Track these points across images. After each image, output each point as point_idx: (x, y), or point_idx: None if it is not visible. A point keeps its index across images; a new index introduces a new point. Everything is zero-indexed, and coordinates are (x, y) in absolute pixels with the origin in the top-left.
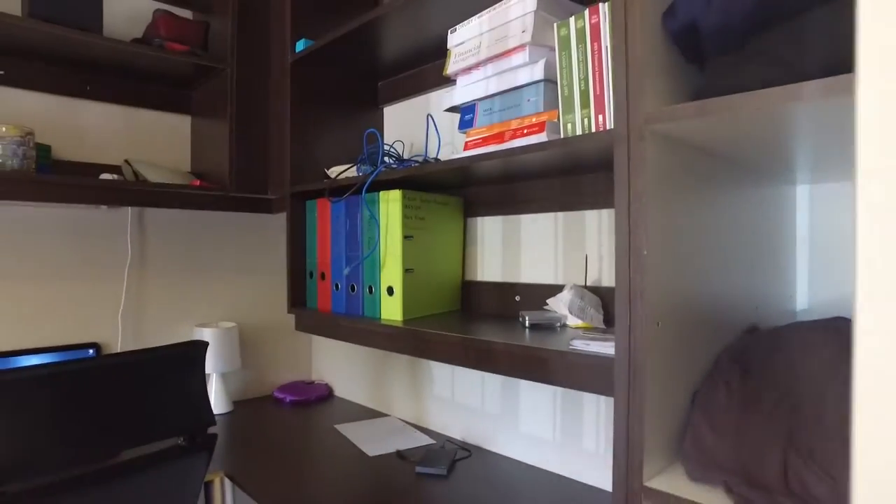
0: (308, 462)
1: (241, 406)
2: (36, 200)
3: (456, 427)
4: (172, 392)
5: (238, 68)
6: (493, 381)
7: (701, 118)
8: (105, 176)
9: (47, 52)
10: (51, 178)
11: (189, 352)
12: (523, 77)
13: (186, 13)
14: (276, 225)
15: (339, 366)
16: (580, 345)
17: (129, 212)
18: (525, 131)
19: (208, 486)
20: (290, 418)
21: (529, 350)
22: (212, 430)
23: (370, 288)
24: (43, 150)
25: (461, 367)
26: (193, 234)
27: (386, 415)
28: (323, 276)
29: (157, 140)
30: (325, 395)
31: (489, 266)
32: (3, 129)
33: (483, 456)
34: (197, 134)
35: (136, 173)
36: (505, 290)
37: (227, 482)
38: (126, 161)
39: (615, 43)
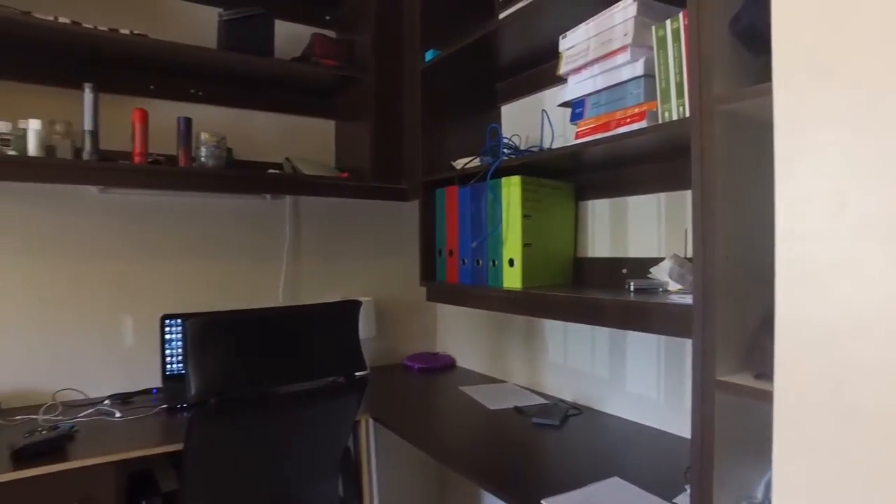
0: (437, 412)
1: (376, 371)
2: (225, 191)
3: (568, 390)
4: (333, 339)
5: (376, 77)
6: (602, 346)
7: (761, 97)
8: (271, 171)
9: (231, 75)
10: (234, 172)
11: (347, 308)
12: (626, 74)
13: (331, 33)
14: (407, 211)
15: (461, 338)
16: (676, 298)
17: (287, 201)
18: (628, 120)
19: (356, 425)
20: (419, 381)
21: (633, 303)
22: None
23: (493, 261)
24: (228, 152)
25: (573, 336)
26: (338, 220)
27: (504, 381)
28: (451, 253)
29: (309, 141)
30: (449, 364)
31: (598, 243)
32: (205, 136)
33: (593, 414)
34: (341, 134)
35: (294, 168)
36: (613, 264)
37: (371, 424)
38: (287, 159)
39: (690, 41)
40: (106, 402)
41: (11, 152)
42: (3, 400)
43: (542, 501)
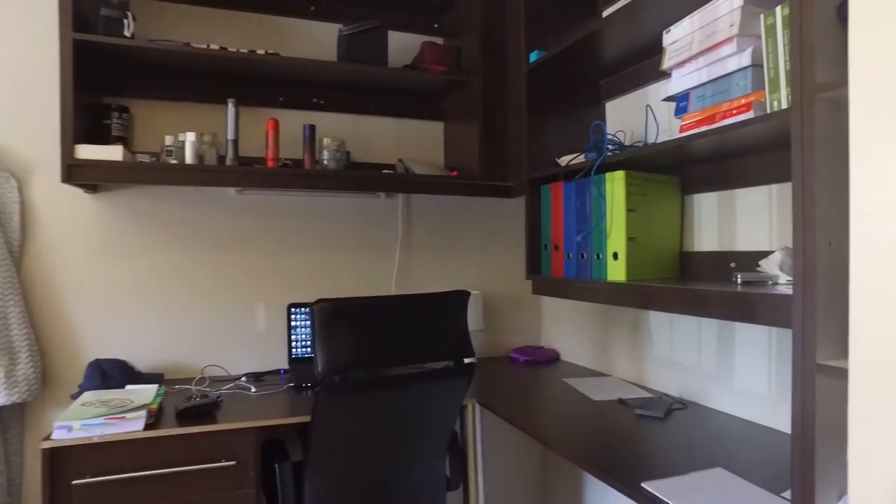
0: (541, 401)
1: (482, 362)
2: (345, 190)
3: (673, 384)
4: (444, 326)
5: (482, 80)
6: (708, 340)
7: None
8: (385, 171)
9: (349, 84)
10: (353, 173)
11: (457, 297)
12: (732, 65)
13: (439, 40)
14: (512, 208)
15: (566, 332)
16: (784, 289)
17: (399, 199)
18: (734, 111)
19: (463, 409)
20: (524, 373)
21: (737, 293)
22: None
23: (598, 255)
24: (347, 155)
25: (679, 329)
26: (447, 217)
27: (608, 375)
28: (556, 248)
29: (420, 143)
30: (553, 357)
31: (705, 237)
32: (327, 140)
33: (698, 409)
34: (449, 135)
35: (406, 168)
36: (721, 258)
37: (478, 409)
38: (400, 160)
39: (793, 29)
40: (243, 378)
41: (173, 161)
42: (167, 372)
43: (642, 484)
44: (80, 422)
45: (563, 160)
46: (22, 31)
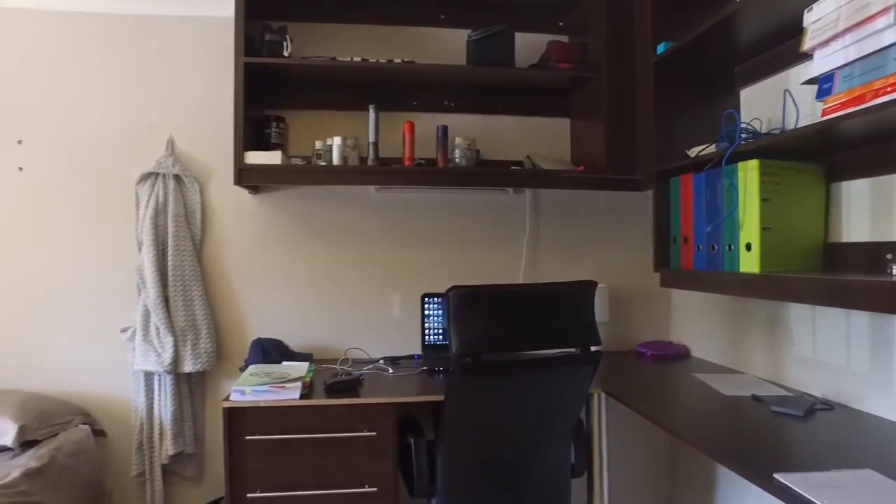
0: (669, 394)
1: (608, 355)
2: (475, 186)
3: (817, 384)
4: (571, 315)
5: (608, 75)
6: (859, 337)
7: None
8: (513, 168)
9: (478, 86)
10: (483, 170)
11: (584, 287)
12: (888, 38)
13: (565, 38)
14: (639, 201)
15: (696, 328)
16: None
17: (527, 195)
18: (889, 89)
19: (589, 398)
20: (651, 367)
21: (889, 283)
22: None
23: (729, 246)
24: (477, 153)
25: (824, 325)
26: (574, 211)
27: (742, 372)
28: (685, 240)
29: (546, 139)
30: (683, 353)
31: (855, 226)
32: (458, 140)
33: (848, 412)
34: (576, 131)
35: (534, 164)
36: (875, 249)
37: (604, 398)
38: (527, 156)
39: None
40: (380, 361)
41: (322, 163)
42: (315, 352)
43: (774, 475)
44: (250, 387)
45: (693, 151)
46: (197, 60)
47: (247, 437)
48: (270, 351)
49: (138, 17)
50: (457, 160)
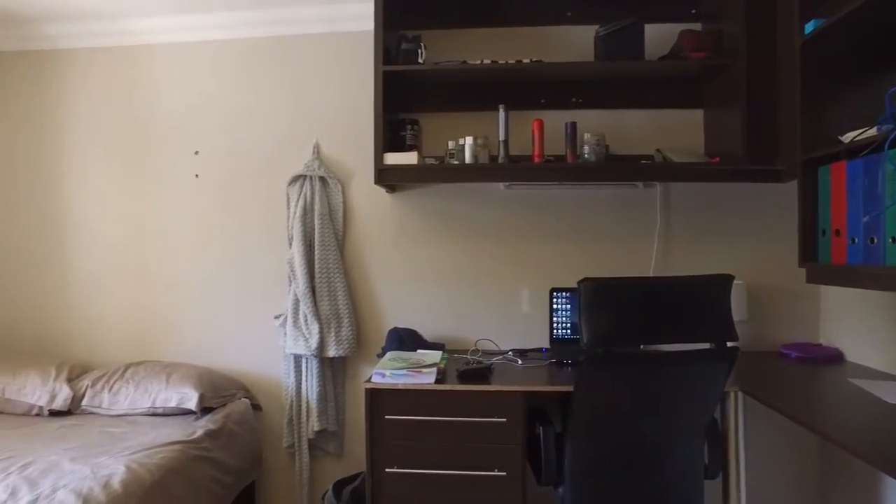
0: (819, 398)
1: (747, 355)
2: (606, 181)
3: None
4: (706, 308)
5: (746, 61)
6: None
7: None
8: (643, 162)
9: (606, 81)
10: (613, 164)
11: (720, 281)
12: None
13: (697, 26)
14: (779, 193)
15: (852, 329)
16: None
17: (658, 189)
18: None
19: (724, 396)
20: (797, 370)
21: None
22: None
23: (893, 238)
24: (605, 148)
25: None
26: (708, 205)
27: None
28: (837, 233)
29: (678, 132)
30: (834, 356)
31: None
32: (587, 136)
33: None
34: (710, 122)
35: (664, 158)
36: None
37: (741, 397)
38: (657, 150)
39: None
40: (509, 353)
41: (455, 162)
42: (446, 342)
43: None
44: (390, 371)
45: (847, 137)
46: (339, 72)
47: (386, 417)
48: (406, 339)
49: (286, 38)
50: (586, 156)
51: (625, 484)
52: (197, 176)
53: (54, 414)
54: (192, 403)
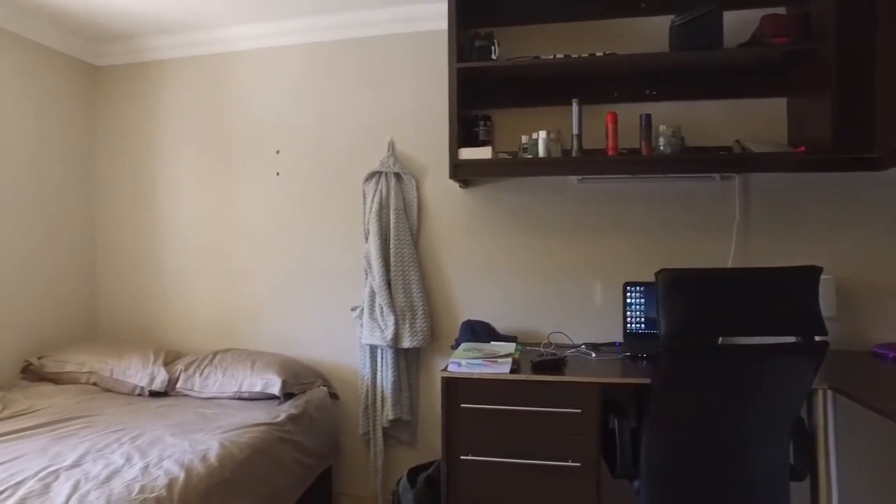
0: None
1: (836, 354)
2: (682, 172)
3: None
4: (791, 301)
5: (837, 45)
6: None
7: None
8: (721, 153)
9: (681, 72)
10: (690, 155)
11: (807, 273)
12: None
13: (781, 10)
14: (874, 182)
15: None
16: None
17: (736, 181)
18: None
19: (811, 395)
20: (894, 370)
21: None
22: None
23: None
24: (681, 140)
25: None
26: (791, 197)
27: None
28: None
29: (758, 121)
30: None
31: None
32: (662, 128)
33: None
34: (793, 110)
35: (743, 149)
36: None
37: (831, 396)
38: (736, 141)
39: None
40: (582, 346)
41: (528, 156)
42: (519, 335)
43: None
44: (466, 360)
45: None
46: (412, 71)
47: (461, 405)
48: (479, 331)
49: (361, 41)
50: (661, 148)
51: (704, 481)
52: (278, 174)
53: (153, 394)
54: (275, 389)
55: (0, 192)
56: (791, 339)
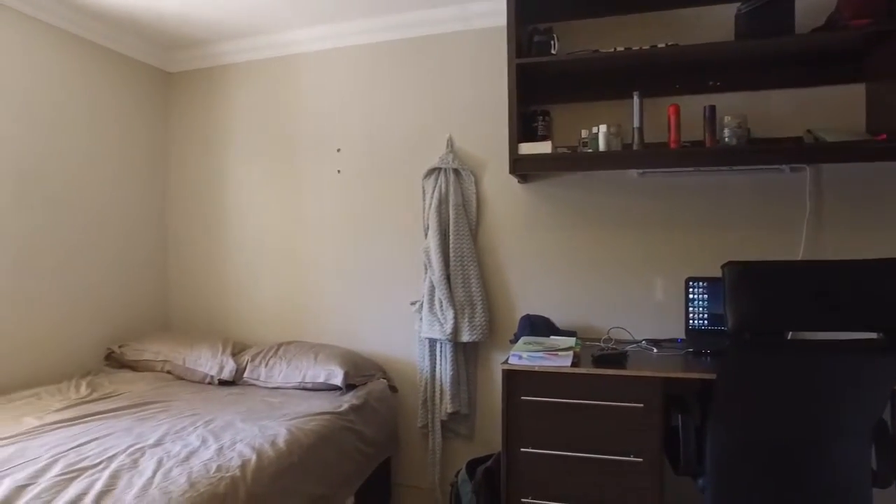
0: None
1: None
2: (747, 165)
3: None
4: (872, 294)
5: None
6: None
7: None
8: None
9: (747, 61)
10: (758, 146)
11: (890, 265)
12: None
13: None
14: None
15: None
16: None
17: (807, 172)
18: None
19: (894, 395)
20: None
21: None
22: None
23: None
24: (747, 132)
25: None
26: (871, 189)
27: None
28: None
29: (831, 110)
30: None
31: None
32: (728, 119)
33: None
34: (873, 97)
35: (815, 138)
36: None
37: None
38: (808, 130)
39: None
40: (643, 342)
41: (588, 150)
42: (578, 330)
43: None
44: (526, 353)
45: None
46: (470, 68)
47: (522, 398)
48: (538, 326)
49: (420, 39)
50: (726, 139)
51: (775, 483)
52: (339, 171)
53: (222, 383)
54: (338, 380)
55: (82, 193)
56: (871, 335)
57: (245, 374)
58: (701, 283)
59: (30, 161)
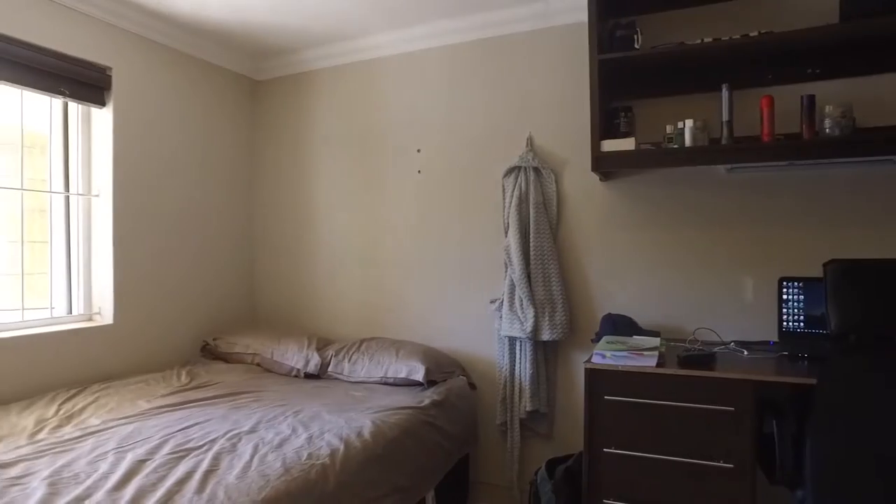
0: None
1: None
2: (851, 157)
3: None
4: None
5: None
6: None
7: None
8: None
9: (851, 45)
10: (863, 137)
11: None
12: None
13: None
14: None
15: None
16: None
17: None
18: None
19: None
20: None
21: None
22: None
23: None
24: (852, 122)
25: None
26: None
27: None
28: None
29: None
30: None
31: None
32: (829, 108)
33: None
34: None
35: None
36: None
37: None
38: None
39: None
40: (731, 343)
41: (673, 146)
42: (662, 330)
43: None
44: (610, 352)
45: None
46: (549, 65)
47: (605, 397)
48: (620, 325)
49: (499, 39)
50: (827, 130)
51: (885, 496)
52: (419, 172)
53: (307, 376)
54: (419, 375)
55: (176, 197)
56: None
57: (329, 368)
58: (796, 284)
59: (157, 176)
